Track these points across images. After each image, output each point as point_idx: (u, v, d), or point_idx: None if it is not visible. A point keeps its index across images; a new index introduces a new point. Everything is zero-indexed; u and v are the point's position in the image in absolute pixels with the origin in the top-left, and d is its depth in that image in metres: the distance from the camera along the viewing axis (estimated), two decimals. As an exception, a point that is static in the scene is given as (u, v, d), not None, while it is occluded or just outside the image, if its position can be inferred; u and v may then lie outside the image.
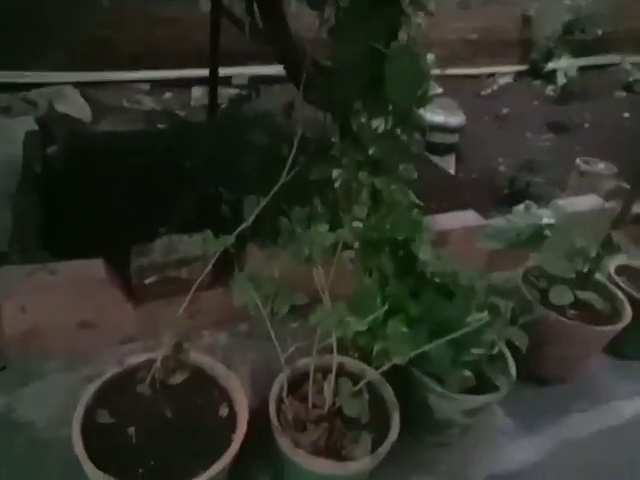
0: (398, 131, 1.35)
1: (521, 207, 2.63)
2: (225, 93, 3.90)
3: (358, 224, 1.43)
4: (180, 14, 3.74)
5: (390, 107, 1.31)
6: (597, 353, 1.82)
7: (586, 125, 4.25)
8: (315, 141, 1.73)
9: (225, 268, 1.45)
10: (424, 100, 1.29)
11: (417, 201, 1.46)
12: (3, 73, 3.37)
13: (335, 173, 1.44)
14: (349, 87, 1.32)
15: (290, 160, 1.35)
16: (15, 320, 1.53)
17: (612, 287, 1.81)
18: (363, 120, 1.34)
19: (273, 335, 1.17)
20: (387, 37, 1.24)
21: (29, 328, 1.56)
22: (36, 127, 2.84)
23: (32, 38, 3.36)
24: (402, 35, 1.27)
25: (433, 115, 3.26)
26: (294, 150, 1.36)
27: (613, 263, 1.93)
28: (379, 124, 1.32)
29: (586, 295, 1.66)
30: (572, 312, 1.67)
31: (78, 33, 3.52)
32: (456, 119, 3.28)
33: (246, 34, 2.88)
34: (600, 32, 5.01)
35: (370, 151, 1.36)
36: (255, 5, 2.49)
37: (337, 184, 1.44)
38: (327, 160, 1.46)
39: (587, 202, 2.41)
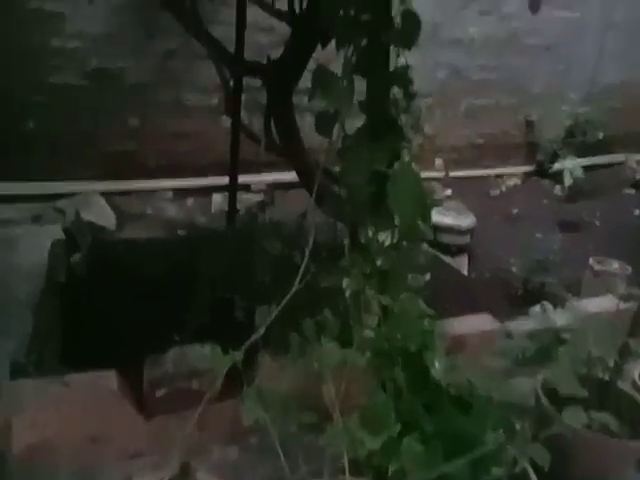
0: (404, 244, 1.40)
1: (537, 309, 2.61)
2: (245, 199, 4.11)
3: (369, 333, 1.44)
4: (202, 128, 4.03)
5: (395, 222, 1.37)
6: (629, 468, 1.70)
7: (597, 223, 4.31)
8: (327, 249, 1.79)
9: (236, 379, 1.45)
10: (428, 216, 1.35)
11: (428, 310, 1.47)
12: (37, 184, 3.62)
13: (345, 283, 1.48)
14: (356, 204, 1.40)
15: (302, 269, 1.40)
16: (25, 435, 1.51)
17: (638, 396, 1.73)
18: (370, 234, 1.40)
19: (282, 455, 1.14)
20: (389, 159, 1.34)
21: (38, 442, 1.54)
22: (63, 235, 3.00)
23: (65, 151, 3.65)
24: (404, 156, 1.36)
25: (443, 217, 3.36)
26: (306, 259, 1.42)
27: (637, 369, 1.87)
28: (385, 237, 1.38)
29: (601, 417, 1.59)
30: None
31: (107, 146, 3.80)
32: (466, 220, 3.37)
33: (262, 149, 3.11)
34: (601, 135, 5.23)
35: (378, 263, 1.41)
36: (272, 123, 2.71)
37: (347, 294, 1.48)
38: (338, 269, 1.51)
39: (602, 304, 2.39)
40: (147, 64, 3.73)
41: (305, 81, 1.73)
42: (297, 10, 2.27)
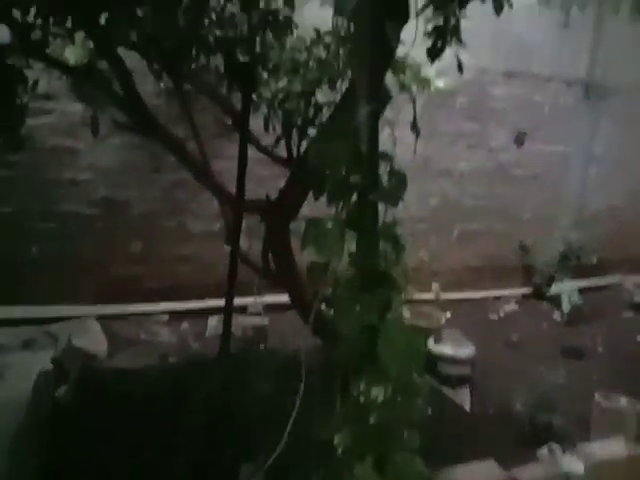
0: (398, 399, 1.35)
1: (545, 451, 2.46)
2: (241, 322, 4.07)
3: (363, 496, 1.33)
4: (203, 252, 4.11)
5: (389, 375, 1.33)
6: None
7: (600, 349, 4.22)
8: (321, 389, 1.73)
9: None
10: (421, 369, 1.32)
11: (426, 472, 1.38)
12: (31, 308, 3.60)
13: (337, 439, 1.40)
14: (347, 355, 1.37)
15: (292, 419, 1.33)
16: None
17: None
18: (363, 387, 1.35)
19: None
20: (381, 311, 1.33)
21: None
22: (52, 365, 2.92)
23: (65, 276, 3.68)
24: (395, 308, 1.36)
25: (442, 346, 3.29)
26: (296, 409, 1.36)
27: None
28: (378, 392, 1.33)
29: None
30: None
31: (108, 271, 3.85)
32: (465, 350, 3.30)
33: (259, 276, 3.13)
34: (595, 259, 5.32)
35: (371, 419, 1.35)
36: (269, 253, 2.77)
37: (339, 450, 1.40)
38: (330, 419, 1.44)
39: (613, 448, 2.25)
40: (152, 194, 3.90)
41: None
42: (294, 155, 2.43)
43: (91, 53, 2.08)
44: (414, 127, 1.78)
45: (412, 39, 2.02)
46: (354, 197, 1.43)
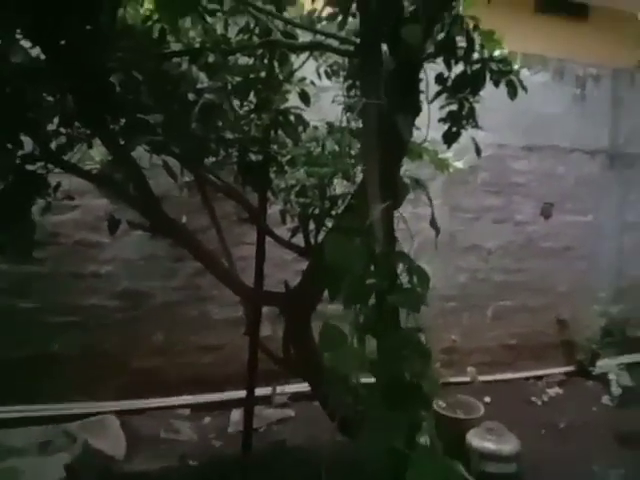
0: None
1: None
2: (265, 415, 3.87)
3: None
4: (225, 341, 4.00)
5: None
6: None
7: (660, 436, 3.82)
8: None
9: None
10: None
11: None
12: (50, 406, 3.51)
13: None
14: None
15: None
16: None
17: None
18: None
19: None
20: (409, 432, 1.19)
21: None
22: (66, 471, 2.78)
23: (84, 372, 3.60)
24: (427, 429, 1.21)
25: (483, 441, 3.02)
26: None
27: None
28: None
29: None
30: None
31: (129, 364, 3.76)
32: (509, 446, 3.01)
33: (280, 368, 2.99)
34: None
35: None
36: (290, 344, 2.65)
37: None
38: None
39: None
40: (174, 284, 3.88)
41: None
42: (312, 245, 2.37)
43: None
44: (433, 224, 1.70)
45: (427, 125, 1.99)
46: (372, 299, 1.34)
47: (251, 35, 2.53)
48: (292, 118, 1.84)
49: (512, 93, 2.35)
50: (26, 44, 1.64)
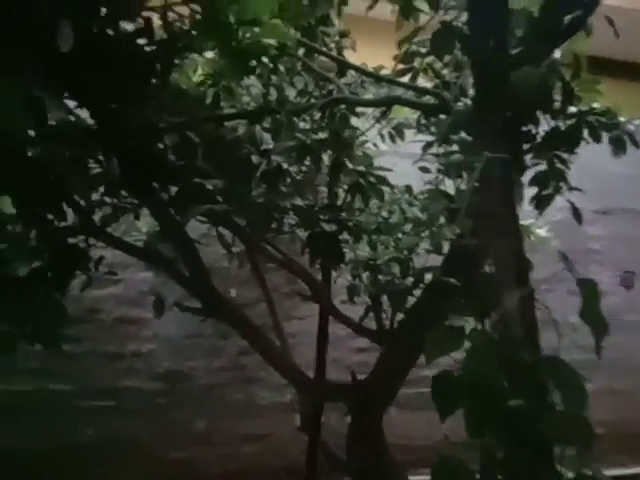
0: None
1: None
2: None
3: None
4: (273, 429, 3.59)
5: None
6: None
7: None
8: None
9: None
10: None
11: None
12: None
13: None
14: None
15: None
16: None
17: None
18: None
19: None
20: None
21: None
22: None
23: (114, 460, 3.24)
24: None
25: None
26: None
27: None
28: None
29: None
30: None
31: (162, 452, 3.39)
32: None
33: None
34: None
35: None
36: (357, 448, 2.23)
37: None
38: None
39: None
40: (218, 364, 3.55)
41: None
42: (387, 328, 2.01)
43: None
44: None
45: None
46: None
47: (310, 97, 2.35)
48: (374, 180, 1.57)
49: (619, 149, 2.02)
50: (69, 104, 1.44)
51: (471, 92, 1.50)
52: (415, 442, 3.66)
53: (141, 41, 1.64)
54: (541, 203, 2.22)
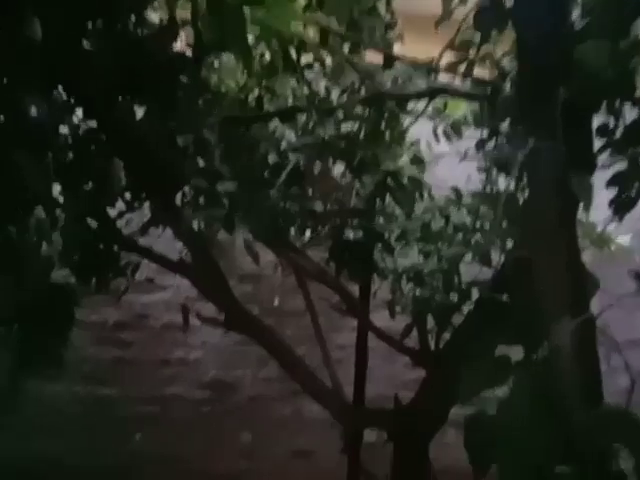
0: None
1: None
2: None
3: None
4: (318, 445, 3.42)
5: None
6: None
7: None
8: None
9: None
10: None
11: None
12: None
13: None
14: None
15: None
16: None
17: None
18: None
19: None
20: None
21: None
22: None
23: (157, 470, 3.20)
24: None
25: None
26: None
27: None
28: None
29: None
30: None
31: (205, 465, 3.31)
32: None
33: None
34: None
35: None
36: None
37: None
38: None
39: None
40: (266, 374, 3.44)
41: None
42: (431, 349, 1.79)
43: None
44: None
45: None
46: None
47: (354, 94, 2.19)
48: (406, 181, 1.37)
49: None
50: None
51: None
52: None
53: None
54: (621, 208, 1.91)
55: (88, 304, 2.25)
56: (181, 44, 1.78)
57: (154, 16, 1.72)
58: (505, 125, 1.25)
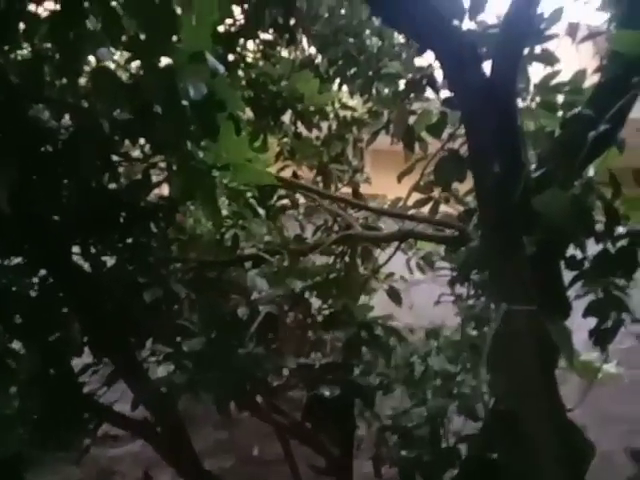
0: None
1: None
2: None
3: None
4: None
5: None
6: None
7: None
8: None
9: None
10: None
11: None
12: None
13: None
14: None
15: None
16: None
17: None
18: None
19: None
20: None
21: None
22: None
23: None
24: None
25: None
26: None
27: None
28: None
29: None
30: None
31: None
32: None
33: None
34: None
35: None
36: None
37: None
38: None
39: None
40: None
41: None
42: None
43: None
44: None
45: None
46: None
47: (329, 234, 2.24)
48: (380, 331, 1.30)
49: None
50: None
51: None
52: None
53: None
54: (603, 339, 1.86)
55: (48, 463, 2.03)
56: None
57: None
58: (475, 273, 1.24)
